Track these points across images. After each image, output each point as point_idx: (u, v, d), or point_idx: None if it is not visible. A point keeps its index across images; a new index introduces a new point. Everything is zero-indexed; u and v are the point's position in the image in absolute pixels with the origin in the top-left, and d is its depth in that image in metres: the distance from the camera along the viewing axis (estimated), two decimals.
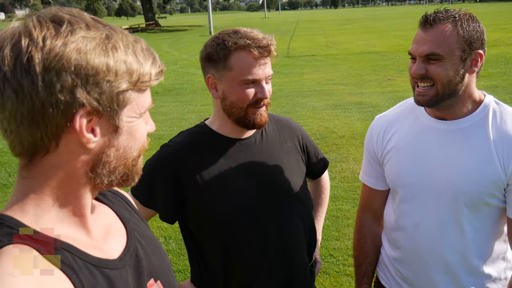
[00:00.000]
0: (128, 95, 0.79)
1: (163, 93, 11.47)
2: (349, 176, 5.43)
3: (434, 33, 1.38)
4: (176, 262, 3.84)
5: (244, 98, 1.47)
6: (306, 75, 13.11)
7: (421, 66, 1.42)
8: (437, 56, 1.38)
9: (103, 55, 0.74)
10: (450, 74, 1.39)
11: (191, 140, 1.58)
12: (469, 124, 1.48)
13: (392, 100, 9.12)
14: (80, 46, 0.72)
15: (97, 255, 0.83)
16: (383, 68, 13.40)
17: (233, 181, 1.53)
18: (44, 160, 0.77)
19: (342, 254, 3.83)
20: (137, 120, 0.83)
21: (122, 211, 1.02)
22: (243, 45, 1.43)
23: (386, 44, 19.53)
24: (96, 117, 0.76)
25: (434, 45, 1.38)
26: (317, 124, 7.67)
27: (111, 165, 0.81)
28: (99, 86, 0.74)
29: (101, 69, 0.73)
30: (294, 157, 1.70)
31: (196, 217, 1.57)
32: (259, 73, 1.45)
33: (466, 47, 1.38)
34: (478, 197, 1.45)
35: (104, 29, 0.77)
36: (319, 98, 9.80)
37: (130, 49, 0.78)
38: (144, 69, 0.79)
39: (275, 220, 1.58)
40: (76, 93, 0.72)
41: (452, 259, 1.52)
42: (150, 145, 3.80)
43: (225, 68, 1.46)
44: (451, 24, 1.38)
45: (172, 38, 30.97)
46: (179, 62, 17.53)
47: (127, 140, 0.82)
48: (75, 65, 0.71)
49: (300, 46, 21.06)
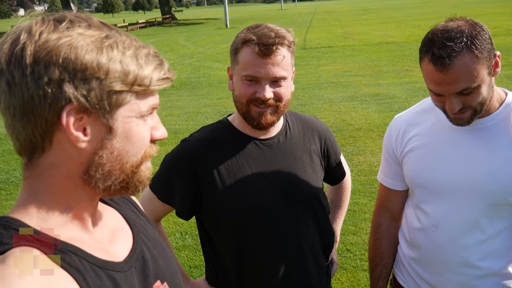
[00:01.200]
0: (123, 96, 0.77)
1: (179, 87, 11.50)
2: (366, 169, 5.36)
3: (458, 70, 1.28)
4: (192, 258, 3.85)
5: (243, 93, 1.45)
6: (322, 66, 13.00)
7: (457, 101, 1.33)
8: (470, 89, 1.31)
9: (95, 52, 0.73)
10: (485, 94, 1.34)
11: (212, 137, 1.55)
12: (491, 123, 1.43)
13: (410, 91, 8.99)
14: (73, 41, 0.72)
15: (103, 257, 0.83)
16: (400, 58, 13.21)
17: (252, 182, 1.51)
18: (42, 160, 0.77)
19: (359, 249, 3.79)
20: (135, 123, 0.80)
21: (128, 213, 1.01)
22: (247, 40, 1.41)
23: (404, 34, 19.25)
24: (86, 116, 0.74)
25: (463, 82, 1.29)
26: (333, 117, 7.60)
27: (105, 168, 0.79)
28: (88, 83, 0.73)
29: (90, 66, 0.72)
30: (315, 160, 1.66)
31: (212, 216, 1.55)
32: (260, 72, 1.40)
33: (488, 62, 1.31)
34: (501, 197, 1.41)
35: (107, 31, 0.77)
36: (335, 90, 9.71)
37: (130, 51, 0.77)
38: (143, 72, 0.77)
39: (291, 223, 1.55)
40: (63, 87, 0.71)
41: (471, 259, 1.49)
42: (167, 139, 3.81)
43: (235, 61, 1.46)
44: (468, 53, 1.27)
45: (188, 32, 31.03)
46: (195, 56, 17.55)
47: (122, 143, 0.79)
48: (64, 59, 0.71)
49: (316, 38, 20.89)
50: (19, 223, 0.76)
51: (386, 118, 7.20)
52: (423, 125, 1.57)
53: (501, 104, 1.44)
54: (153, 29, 37.42)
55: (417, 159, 1.55)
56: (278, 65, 1.41)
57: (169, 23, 43.73)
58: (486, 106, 1.37)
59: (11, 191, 5.51)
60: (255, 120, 1.46)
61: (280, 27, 1.47)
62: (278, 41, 1.40)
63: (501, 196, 1.41)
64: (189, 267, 3.73)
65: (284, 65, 1.43)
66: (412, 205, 1.66)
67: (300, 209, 1.56)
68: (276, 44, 1.39)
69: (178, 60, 16.69)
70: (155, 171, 1.62)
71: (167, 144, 6.60)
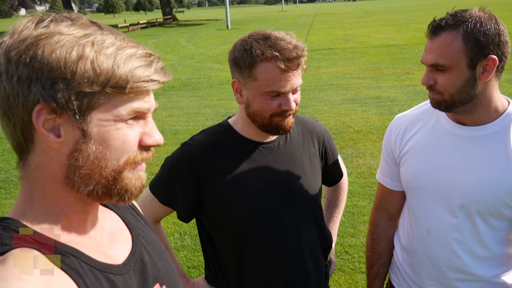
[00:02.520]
0: (96, 98, 0.73)
1: (180, 88, 11.51)
2: (365, 171, 5.37)
3: (438, 42, 1.32)
4: (190, 258, 3.85)
5: (267, 109, 1.43)
6: (323, 68, 13.01)
7: (429, 76, 1.37)
8: (442, 67, 1.33)
9: (65, 51, 0.71)
10: (457, 85, 1.34)
11: (213, 141, 1.55)
12: (490, 132, 1.42)
13: (410, 95, 8.99)
14: (42, 40, 0.71)
15: (102, 260, 0.83)
16: (401, 61, 13.22)
17: (253, 185, 1.51)
18: (30, 160, 0.77)
19: (358, 251, 3.79)
20: (114, 127, 0.76)
21: (127, 216, 1.01)
22: (270, 56, 1.36)
23: (405, 37, 19.26)
24: (57, 116, 0.73)
25: (438, 55, 1.33)
26: (333, 119, 7.61)
27: (82, 172, 0.76)
28: (55, 82, 0.71)
29: (56, 65, 0.71)
30: (315, 162, 1.67)
31: (213, 218, 1.56)
32: (285, 86, 1.39)
33: (474, 54, 1.30)
34: (492, 207, 1.40)
35: (91, 30, 0.75)
36: (336, 92, 9.72)
37: (109, 50, 0.74)
38: (119, 72, 0.73)
39: (292, 225, 1.56)
40: (31, 87, 0.71)
41: (463, 266, 1.49)
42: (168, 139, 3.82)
43: (250, 77, 1.41)
44: (455, 32, 1.30)
45: (190, 33, 31.05)
46: (196, 57, 17.55)
47: (99, 146, 0.76)
48: (31, 58, 0.70)
49: (317, 40, 20.90)
50: (19, 224, 0.76)
51: (386, 121, 7.21)
52: (423, 128, 1.56)
53: (503, 112, 1.42)
54: (154, 29, 37.43)
55: (414, 162, 1.55)
56: (298, 74, 1.43)
57: (170, 23, 43.74)
58: (460, 99, 1.36)
59: (10, 189, 5.51)
60: (280, 127, 1.46)
61: (289, 35, 1.43)
62: (300, 54, 1.38)
63: (492, 206, 1.40)
64: (188, 268, 3.73)
65: (300, 72, 1.44)
66: (406, 208, 1.66)
67: (300, 211, 1.57)
68: (299, 57, 1.38)
69: (179, 61, 16.70)
70: (155, 172, 1.63)
71: (168, 144, 6.60)
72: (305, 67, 1.44)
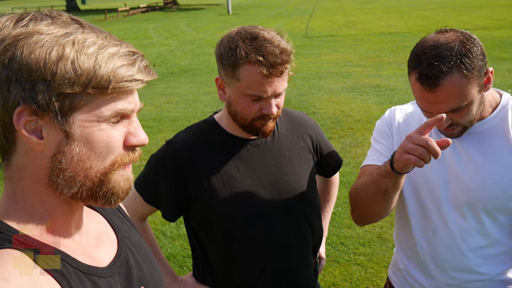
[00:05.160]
0: (78, 99, 0.72)
1: (179, 74, 11.45)
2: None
3: (445, 91, 1.25)
4: (186, 247, 3.85)
5: (248, 112, 1.40)
6: (323, 56, 12.93)
7: (448, 121, 1.31)
8: (459, 108, 1.29)
9: (44, 51, 0.69)
10: (475, 111, 1.32)
11: (199, 138, 1.52)
12: (487, 127, 1.40)
13: None
14: (21, 41, 0.69)
15: (87, 262, 0.82)
16: (403, 49, 13.12)
17: (240, 183, 1.49)
18: (13, 161, 0.76)
19: (353, 243, 3.78)
20: (97, 127, 0.75)
21: (113, 218, 1.00)
22: (253, 60, 1.32)
23: (407, 25, 19.12)
24: (39, 118, 0.71)
25: (452, 102, 1.27)
26: (333, 108, 7.57)
27: (66, 174, 0.75)
28: (35, 84, 0.69)
29: (35, 66, 0.69)
30: (305, 157, 1.63)
31: (199, 217, 1.53)
32: (267, 91, 1.36)
33: (478, 80, 1.28)
34: (499, 203, 1.39)
35: (72, 29, 0.73)
36: (336, 80, 9.66)
37: (90, 50, 0.72)
38: (100, 72, 0.71)
39: (281, 222, 1.53)
40: (11, 88, 0.69)
41: (470, 265, 1.47)
42: (166, 126, 3.78)
43: (233, 76, 1.38)
44: (456, 73, 1.23)
45: (190, 17, 30.82)
46: (196, 42, 17.45)
47: (83, 148, 0.74)
48: (10, 59, 0.69)
49: (318, 26, 20.75)
50: (3, 225, 0.75)
51: (385, 110, 7.11)
52: (420, 124, 1.52)
53: (496, 107, 1.41)
54: (154, 13, 37.14)
55: None
56: (283, 80, 1.39)
57: (170, 8, 43.40)
58: (476, 120, 1.36)
59: None
60: (259, 130, 1.44)
61: (279, 37, 1.38)
62: (285, 59, 1.34)
63: (499, 202, 1.38)
64: (183, 257, 3.73)
65: (286, 77, 1.40)
66: (408, 208, 1.61)
67: (289, 208, 1.55)
68: (284, 64, 1.34)
69: (179, 46, 16.59)
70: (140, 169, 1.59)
71: (165, 131, 6.58)
72: (291, 73, 1.41)
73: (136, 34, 21.28)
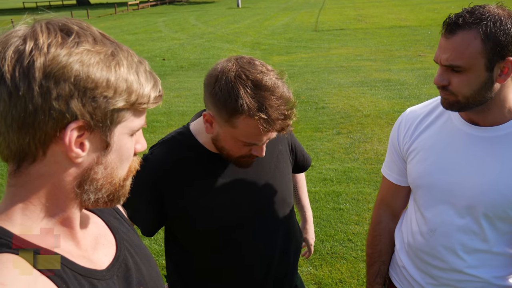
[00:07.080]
0: (123, 114, 0.78)
1: (188, 68, 11.44)
2: (372, 157, 5.31)
3: (455, 42, 1.23)
4: None
5: (237, 152, 1.37)
6: (333, 50, 12.84)
7: (443, 76, 1.29)
8: (458, 68, 1.25)
9: (105, 70, 0.73)
10: (473, 87, 1.26)
11: (175, 154, 1.45)
12: (503, 133, 1.35)
13: (421, 78, 8.85)
14: (84, 59, 0.72)
15: (85, 265, 0.83)
16: (413, 43, 12.99)
17: (219, 198, 1.45)
18: (31, 168, 0.76)
19: (361, 239, 3.76)
20: (127, 139, 0.81)
21: (111, 220, 1.00)
22: (256, 118, 1.22)
23: (418, 18, 18.90)
24: (88, 132, 0.74)
25: (454, 56, 1.24)
26: (342, 102, 7.52)
27: (98, 183, 0.80)
28: (95, 100, 0.73)
29: (100, 84, 0.73)
30: (283, 161, 1.62)
31: (178, 234, 1.53)
32: (263, 140, 1.32)
33: (493, 55, 1.22)
34: (501, 210, 1.36)
35: (110, 46, 0.77)
36: (345, 75, 9.59)
37: (133, 69, 0.78)
38: (144, 90, 0.78)
39: (263, 236, 1.54)
40: (71, 104, 0.71)
41: (466, 267, 1.46)
42: (174, 121, 3.80)
43: (228, 122, 1.28)
44: (474, 31, 1.21)
45: (200, 11, 30.78)
46: (205, 36, 17.42)
47: (115, 159, 0.80)
48: (75, 76, 0.71)
49: (328, 20, 20.61)
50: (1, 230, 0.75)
51: (395, 105, 7.11)
52: (433, 125, 1.50)
53: None
54: (164, 7, 37.16)
55: (422, 159, 1.49)
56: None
57: (180, 1, 43.39)
58: (474, 101, 1.30)
59: None
60: (242, 164, 1.43)
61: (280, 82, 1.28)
62: (289, 114, 1.27)
63: (501, 209, 1.36)
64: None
65: None
66: (411, 206, 1.61)
67: (270, 217, 1.55)
68: (287, 119, 1.27)
69: (188, 40, 16.59)
70: None
71: (175, 126, 6.59)
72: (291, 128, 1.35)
73: (146, 28, 21.32)
